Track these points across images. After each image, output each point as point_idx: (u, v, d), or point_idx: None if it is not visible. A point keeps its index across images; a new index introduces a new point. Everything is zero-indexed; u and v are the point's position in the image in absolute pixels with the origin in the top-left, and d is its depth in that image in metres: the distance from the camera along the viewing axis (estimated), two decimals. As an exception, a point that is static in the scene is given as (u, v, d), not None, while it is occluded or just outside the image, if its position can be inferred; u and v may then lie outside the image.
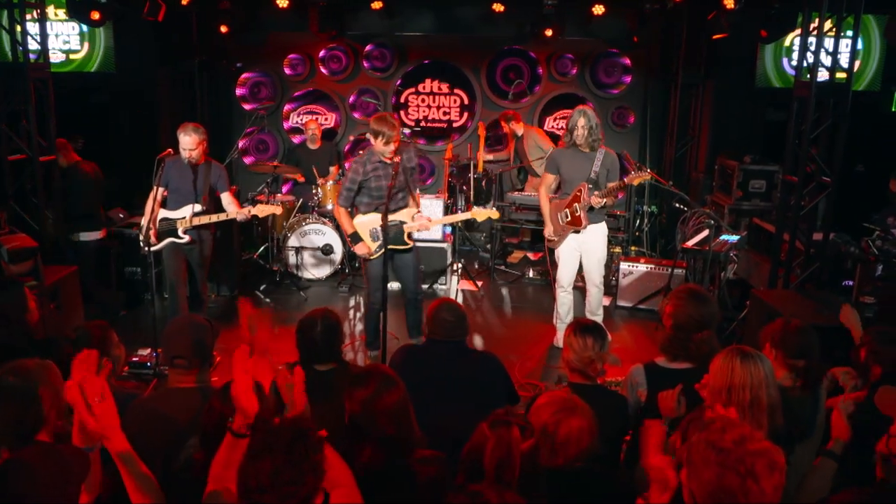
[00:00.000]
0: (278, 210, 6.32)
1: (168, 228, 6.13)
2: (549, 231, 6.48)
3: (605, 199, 6.10)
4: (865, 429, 3.51)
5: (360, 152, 9.11)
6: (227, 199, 6.30)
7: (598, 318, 6.55)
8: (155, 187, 6.04)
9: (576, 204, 6.26)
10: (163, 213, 6.15)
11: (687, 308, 3.68)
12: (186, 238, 6.16)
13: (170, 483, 2.80)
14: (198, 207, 6.13)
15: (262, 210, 6.17)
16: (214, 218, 6.13)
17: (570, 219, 6.33)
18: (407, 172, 5.84)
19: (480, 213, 6.16)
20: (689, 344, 3.62)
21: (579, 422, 2.71)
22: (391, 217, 5.73)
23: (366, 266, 6.06)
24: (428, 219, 6.06)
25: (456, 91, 10.72)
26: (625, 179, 6.20)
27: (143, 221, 6.12)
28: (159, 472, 2.89)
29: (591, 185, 6.19)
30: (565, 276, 6.54)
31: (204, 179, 6.16)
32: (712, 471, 1.99)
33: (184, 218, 6.10)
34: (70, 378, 2.50)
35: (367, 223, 5.94)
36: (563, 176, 6.40)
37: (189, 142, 5.99)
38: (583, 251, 6.45)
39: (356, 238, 5.96)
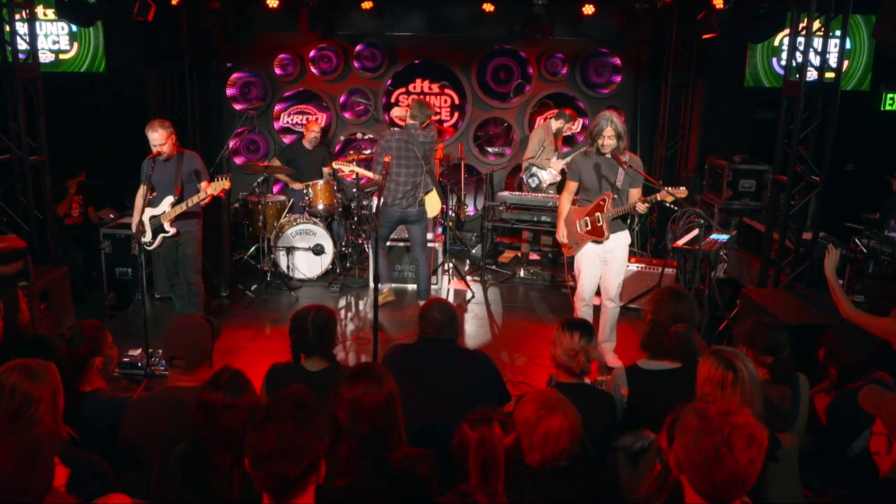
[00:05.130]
0: (226, 184, 6.25)
1: (157, 225, 6.24)
2: (560, 234, 6.22)
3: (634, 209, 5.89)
4: (840, 429, 3.59)
5: (351, 152, 9.22)
6: (203, 187, 6.39)
7: (609, 346, 6.30)
8: (142, 185, 6.23)
9: (598, 213, 5.98)
10: (149, 213, 6.23)
11: (664, 305, 3.77)
12: (173, 230, 6.26)
13: (169, 478, 2.81)
14: (172, 199, 6.22)
15: (214, 187, 6.18)
16: (190, 203, 6.16)
17: (590, 228, 6.05)
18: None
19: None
20: (663, 337, 3.68)
21: (559, 421, 2.71)
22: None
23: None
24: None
25: (446, 91, 10.70)
26: (657, 196, 5.85)
27: (134, 221, 6.21)
28: (158, 468, 2.90)
29: (616, 196, 5.94)
30: (587, 288, 6.20)
31: (176, 171, 6.25)
32: (693, 435, 2.05)
33: (164, 212, 6.21)
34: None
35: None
36: (584, 184, 6.11)
37: (157, 138, 6.07)
38: (605, 261, 6.17)
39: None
